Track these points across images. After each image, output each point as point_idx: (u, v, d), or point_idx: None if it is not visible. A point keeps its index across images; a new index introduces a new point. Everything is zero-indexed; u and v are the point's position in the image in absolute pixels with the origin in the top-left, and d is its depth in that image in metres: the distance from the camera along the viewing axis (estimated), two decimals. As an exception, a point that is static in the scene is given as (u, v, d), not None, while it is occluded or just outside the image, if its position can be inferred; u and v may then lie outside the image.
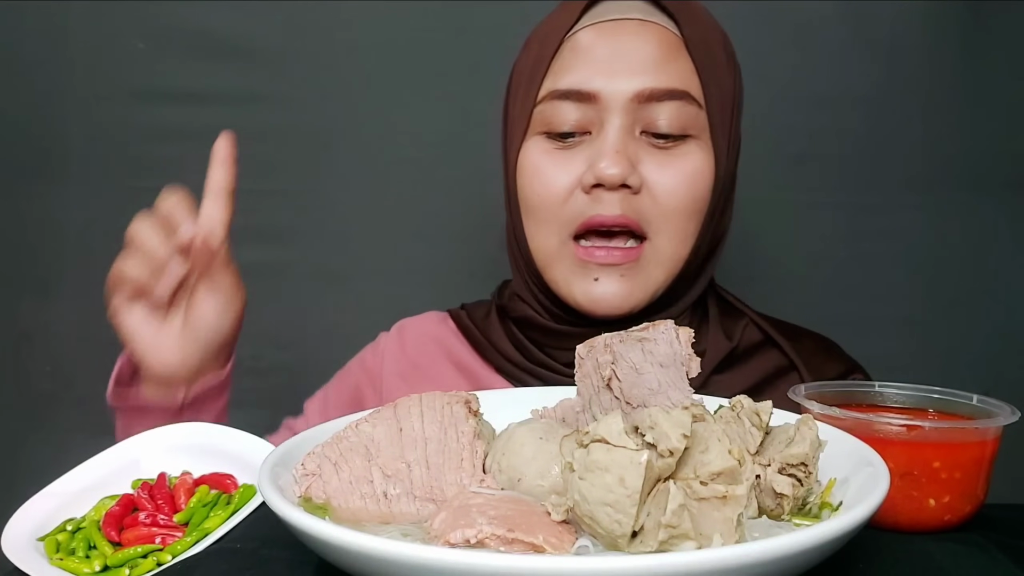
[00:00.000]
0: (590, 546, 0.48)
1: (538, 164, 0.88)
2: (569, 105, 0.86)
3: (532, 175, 0.89)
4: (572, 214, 0.86)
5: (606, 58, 0.85)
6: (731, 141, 0.90)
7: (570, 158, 0.87)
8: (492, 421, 0.65)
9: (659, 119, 0.84)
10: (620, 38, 0.86)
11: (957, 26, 1.38)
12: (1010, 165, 1.40)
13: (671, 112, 0.84)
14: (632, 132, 0.85)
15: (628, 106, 0.84)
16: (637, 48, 0.85)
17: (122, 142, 1.42)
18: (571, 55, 0.87)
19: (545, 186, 0.87)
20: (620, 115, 0.84)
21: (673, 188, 0.85)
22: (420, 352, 1.01)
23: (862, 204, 1.42)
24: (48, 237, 1.45)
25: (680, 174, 0.85)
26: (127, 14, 1.40)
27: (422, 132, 1.42)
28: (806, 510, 0.55)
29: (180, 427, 0.79)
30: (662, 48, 0.85)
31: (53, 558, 0.64)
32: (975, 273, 1.41)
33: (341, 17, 1.40)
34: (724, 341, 0.92)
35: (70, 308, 1.46)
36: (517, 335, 0.95)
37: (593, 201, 0.85)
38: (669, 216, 0.85)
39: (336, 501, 0.56)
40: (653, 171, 0.85)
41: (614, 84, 0.84)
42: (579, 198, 0.86)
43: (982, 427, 0.62)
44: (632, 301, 0.87)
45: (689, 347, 0.63)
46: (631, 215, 0.84)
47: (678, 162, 0.85)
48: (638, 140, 0.85)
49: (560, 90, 0.86)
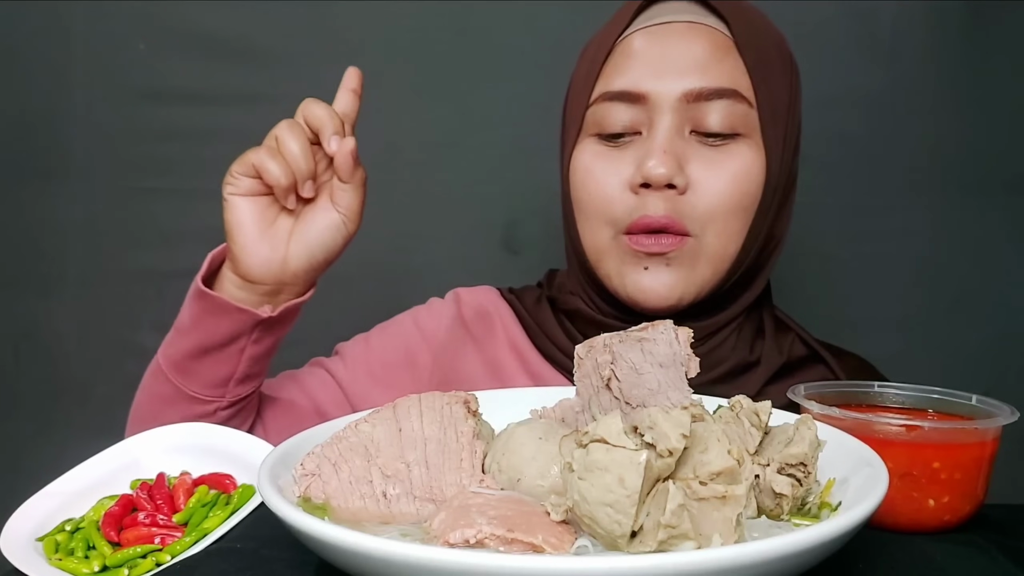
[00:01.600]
0: (589, 546, 0.48)
1: (589, 165, 0.90)
2: (620, 106, 0.87)
3: (584, 175, 0.90)
4: (622, 212, 0.87)
5: (655, 60, 0.86)
6: (786, 141, 0.90)
7: (620, 158, 0.88)
8: (491, 421, 0.65)
9: (708, 117, 0.85)
10: (669, 40, 0.87)
11: (958, 27, 1.38)
12: (1011, 166, 1.39)
13: (720, 111, 0.85)
14: (681, 132, 0.86)
15: (677, 106, 0.85)
16: (686, 49, 0.86)
17: (123, 142, 1.42)
18: (622, 58, 0.89)
19: (596, 186, 0.89)
20: (669, 115, 0.85)
21: (720, 187, 0.86)
22: (477, 324, 1.02)
23: (863, 205, 1.42)
24: (49, 237, 1.45)
25: (727, 173, 0.86)
26: (128, 14, 1.40)
27: (422, 132, 1.42)
28: (805, 510, 0.55)
29: (179, 427, 0.80)
30: (711, 49, 0.86)
31: (52, 558, 0.64)
32: (975, 274, 1.41)
33: (341, 17, 1.40)
34: (777, 355, 0.93)
35: (70, 308, 1.46)
36: (568, 325, 0.97)
37: (641, 200, 0.86)
38: (715, 214, 0.86)
39: (335, 501, 0.56)
40: (700, 170, 0.86)
41: (663, 84, 0.85)
42: (628, 197, 0.87)
43: (982, 427, 0.62)
44: (678, 292, 0.88)
45: (688, 347, 0.63)
46: (675, 216, 0.85)
47: (727, 161, 0.86)
48: (687, 140, 0.86)
49: (611, 91, 0.88)
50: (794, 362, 0.94)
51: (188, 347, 0.87)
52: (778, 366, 0.92)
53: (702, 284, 0.89)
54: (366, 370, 1.00)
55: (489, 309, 1.03)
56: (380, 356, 1.02)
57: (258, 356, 0.89)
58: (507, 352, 0.99)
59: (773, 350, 0.93)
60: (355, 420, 0.61)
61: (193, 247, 1.44)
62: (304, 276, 0.88)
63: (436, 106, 1.41)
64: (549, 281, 1.04)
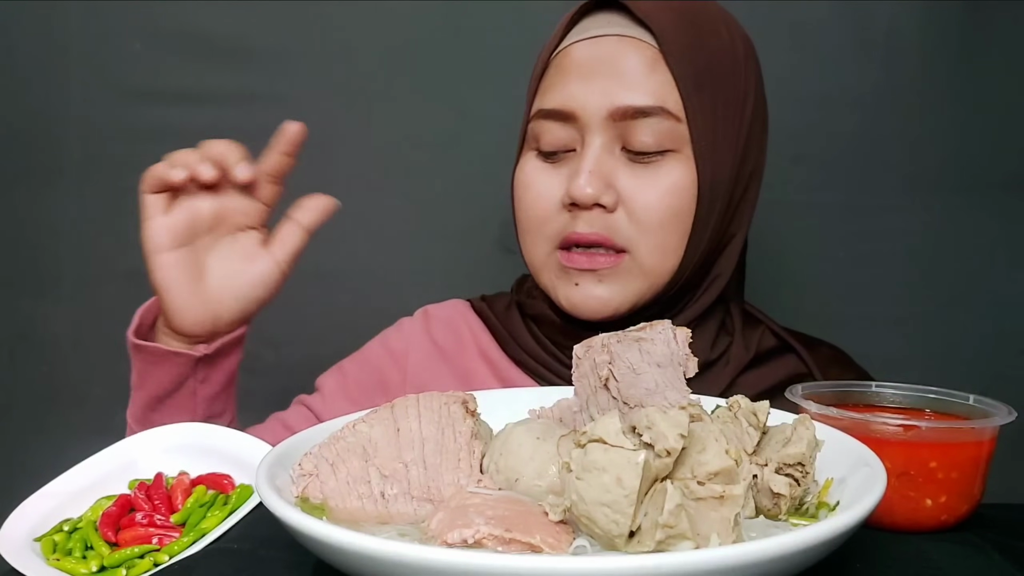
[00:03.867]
0: (587, 546, 0.48)
1: (528, 180, 0.92)
2: (553, 124, 0.89)
3: (523, 190, 0.92)
4: (556, 229, 0.89)
5: (584, 77, 0.87)
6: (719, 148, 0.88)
7: (554, 175, 0.89)
8: (489, 421, 0.65)
9: (636, 136, 0.86)
10: (598, 56, 0.87)
11: (954, 26, 1.38)
12: (1007, 165, 1.40)
13: (648, 128, 0.85)
14: (611, 149, 0.87)
15: (605, 124, 0.86)
16: (614, 63, 0.86)
17: (119, 142, 1.42)
18: (555, 73, 0.90)
19: (534, 201, 0.91)
20: (598, 133, 0.86)
21: (650, 203, 0.86)
22: (446, 338, 1.03)
23: (859, 204, 1.42)
24: (45, 237, 1.45)
25: (657, 189, 0.86)
26: (124, 14, 1.39)
27: (421, 132, 1.42)
28: (803, 510, 0.55)
29: (177, 427, 0.79)
30: (639, 64, 0.86)
31: (50, 558, 0.64)
32: (971, 273, 1.42)
33: (339, 17, 1.40)
34: (744, 352, 0.94)
35: (66, 308, 1.46)
36: (535, 330, 0.98)
37: (572, 218, 0.88)
38: (647, 231, 0.87)
39: (333, 501, 0.56)
40: (630, 187, 0.86)
41: (591, 103, 0.86)
42: (562, 215, 0.89)
43: (979, 427, 0.62)
44: (612, 306, 0.89)
45: (687, 347, 0.63)
46: (605, 232, 0.86)
47: (656, 177, 0.86)
48: (617, 157, 0.87)
49: (544, 109, 0.90)
50: (763, 354, 0.95)
51: (143, 400, 0.88)
52: (746, 362, 0.93)
53: (637, 296, 0.89)
54: (344, 397, 1.01)
55: (458, 322, 1.04)
56: (355, 382, 1.03)
57: (213, 396, 0.89)
58: (478, 362, 1.00)
59: (740, 346, 0.94)
60: (353, 420, 0.61)
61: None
62: (240, 324, 0.89)
63: (434, 106, 1.41)
64: (519, 286, 1.05)
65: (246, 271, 0.87)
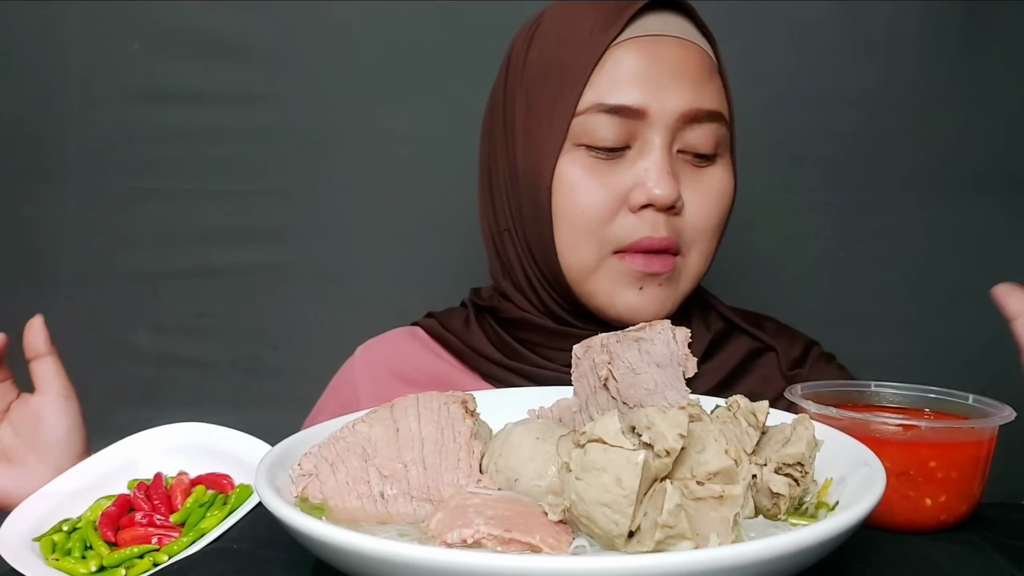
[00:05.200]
0: (587, 546, 0.48)
1: (579, 180, 0.86)
2: (614, 120, 0.85)
3: (573, 190, 0.86)
4: (618, 233, 0.86)
5: (653, 74, 0.85)
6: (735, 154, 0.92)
7: (611, 174, 0.86)
8: (489, 421, 0.65)
9: (698, 138, 0.86)
10: (664, 56, 0.86)
11: (954, 26, 1.38)
12: (1007, 164, 1.40)
13: (710, 132, 0.86)
14: (671, 151, 0.86)
15: (673, 124, 0.85)
16: (681, 66, 0.86)
17: (119, 143, 1.42)
18: (614, 66, 0.86)
19: (589, 202, 0.86)
20: (664, 133, 0.85)
21: (707, 208, 0.87)
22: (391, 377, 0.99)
23: (859, 204, 1.42)
24: (44, 238, 1.45)
25: (710, 194, 0.88)
26: (123, 14, 1.39)
27: (420, 133, 1.41)
28: (802, 510, 0.55)
29: (177, 427, 0.79)
30: (701, 69, 0.87)
31: (49, 558, 0.64)
32: (972, 273, 1.41)
33: (339, 17, 1.40)
34: (705, 332, 0.94)
35: (65, 309, 1.45)
36: (504, 337, 0.95)
37: (640, 221, 0.85)
38: (700, 235, 0.88)
39: (333, 501, 0.56)
40: (688, 191, 0.86)
41: (662, 102, 0.84)
42: (626, 217, 0.85)
43: (978, 427, 0.62)
44: (667, 309, 0.89)
45: (686, 347, 0.63)
46: (673, 236, 0.86)
47: (709, 182, 0.88)
48: (676, 159, 0.87)
49: (607, 104, 0.85)
50: (718, 337, 0.95)
51: None
52: (707, 344, 0.93)
53: (681, 298, 0.90)
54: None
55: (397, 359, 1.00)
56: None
57: None
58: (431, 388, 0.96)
59: (701, 330, 0.94)
60: (352, 420, 0.61)
61: (187, 248, 1.45)
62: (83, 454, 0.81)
63: (434, 106, 1.41)
64: (477, 296, 1.02)
65: (43, 428, 0.80)
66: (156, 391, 1.43)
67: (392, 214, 1.43)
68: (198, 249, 1.43)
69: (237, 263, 1.43)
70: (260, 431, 0.78)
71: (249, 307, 1.44)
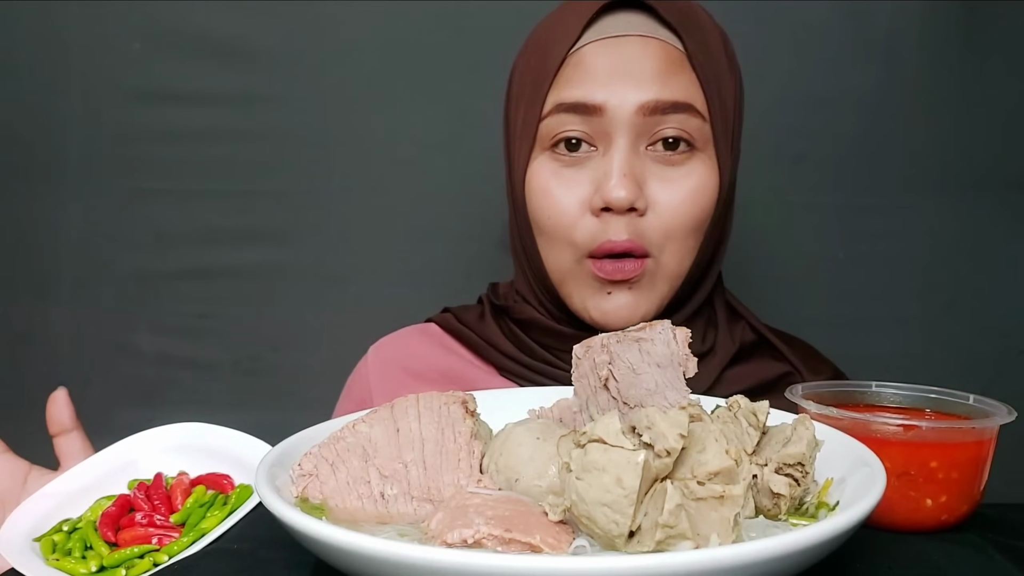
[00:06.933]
0: (587, 546, 0.48)
1: (547, 185, 0.88)
2: (575, 118, 0.86)
3: (542, 196, 0.88)
4: (584, 236, 0.86)
5: (611, 71, 0.85)
6: (734, 149, 0.90)
7: (577, 177, 0.86)
8: (489, 421, 0.65)
9: (664, 130, 0.84)
10: (624, 53, 0.86)
11: (955, 27, 1.38)
12: (1008, 165, 1.40)
13: (677, 124, 0.85)
14: (637, 148, 0.85)
15: (634, 119, 0.84)
16: (641, 62, 0.85)
17: (119, 143, 1.42)
18: (575, 69, 0.87)
19: (556, 208, 0.87)
20: (625, 131, 0.84)
21: (677, 206, 0.86)
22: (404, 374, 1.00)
23: (860, 205, 1.42)
24: (45, 238, 1.45)
25: (684, 191, 0.86)
26: (124, 14, 1.39)
27: (421, 133, 1.42)
28: (803, 510, 0.55)
29: (177, 427, 0.79)
30: (665, 63, 0.85)
31: (49, 558, 0.64)
32: (972, 273, 1.42)
33: (339, 17, 1.40)
34: (730, 343, 0.93)
35: (67, 309, 1.45)
36: (520, 335, 0.96)
37: (603, 224, 0.85)
38: (672, 234, 0.86)
39: (333, 501, 0.56)
40: (658, 189, 0.85)
41: (619, 96, 0.84)
42: (589, 221, 0.86)
43: (979, 427, 0.62)
44: (640, 313, 0.88)
45: (686, 347, 0.63)
46: (636, 239, 0.85)
47: (683, 179, 0.86)
48: (643, 157, 0.85)
49: (565, 103, 0.86)
50: (747, 347, 0.94)
51: None
52: (732, 353, 0.92)
53: (661, 301, 0.89)
54: None
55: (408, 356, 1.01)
56: None
57: None
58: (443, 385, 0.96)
59: (727, 338, 0.93)
60: (352, 420, 0.61)
61: (188, 248, 1.45)
62: None
63: (434, 106, 1.41)
64: (494, 293, 1.03)
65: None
66: (156, 391, 1.43)
67: (392, 215, 1.43)
68: (198, 249, 1.43)
69: (237, 263, 1.43)
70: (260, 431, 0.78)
71: (249, 308, 1.44)
